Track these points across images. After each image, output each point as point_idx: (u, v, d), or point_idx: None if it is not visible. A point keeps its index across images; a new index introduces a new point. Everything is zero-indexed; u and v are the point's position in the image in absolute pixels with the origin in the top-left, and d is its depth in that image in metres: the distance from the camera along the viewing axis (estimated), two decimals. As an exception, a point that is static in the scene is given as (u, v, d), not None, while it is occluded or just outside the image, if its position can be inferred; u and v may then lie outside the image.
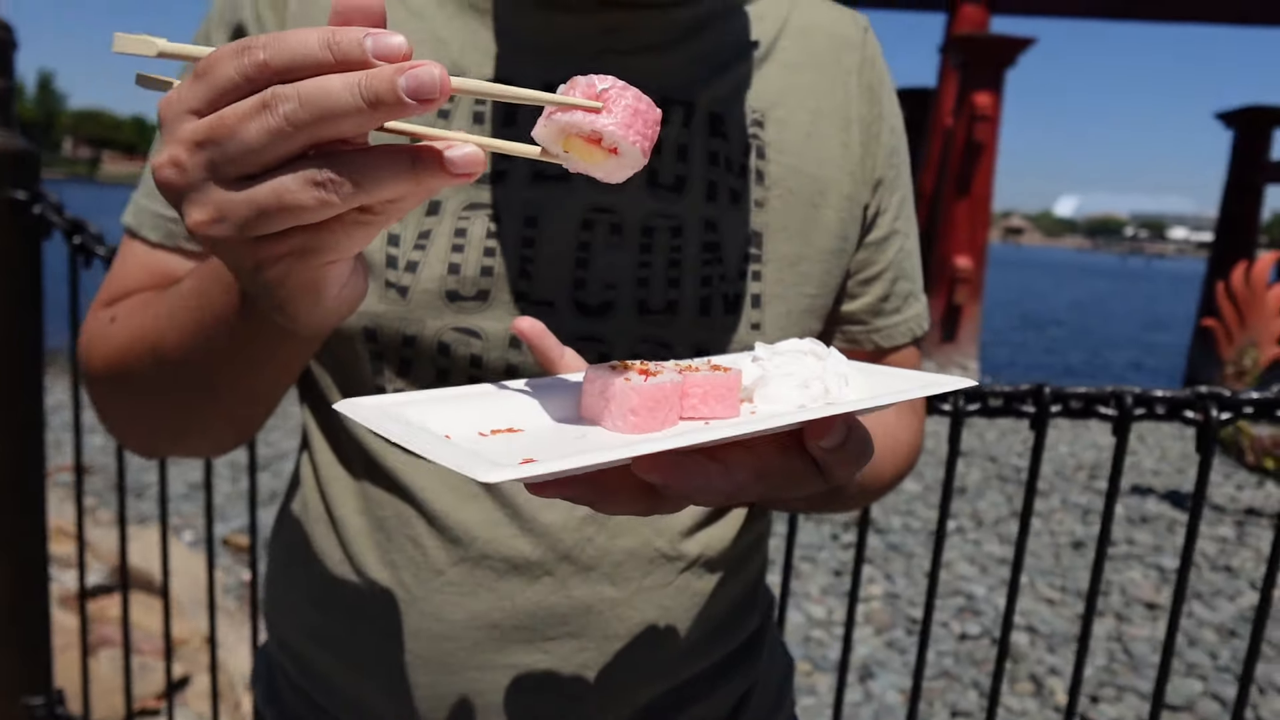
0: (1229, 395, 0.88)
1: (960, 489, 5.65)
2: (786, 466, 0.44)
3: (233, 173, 0.37)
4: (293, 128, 0.35)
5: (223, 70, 0.36)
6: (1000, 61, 9.99)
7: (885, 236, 0.76)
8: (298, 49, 0.35)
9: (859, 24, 0.77)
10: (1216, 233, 13.62)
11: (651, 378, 0.43)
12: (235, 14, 0.68)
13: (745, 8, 0.73)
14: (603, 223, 0.65)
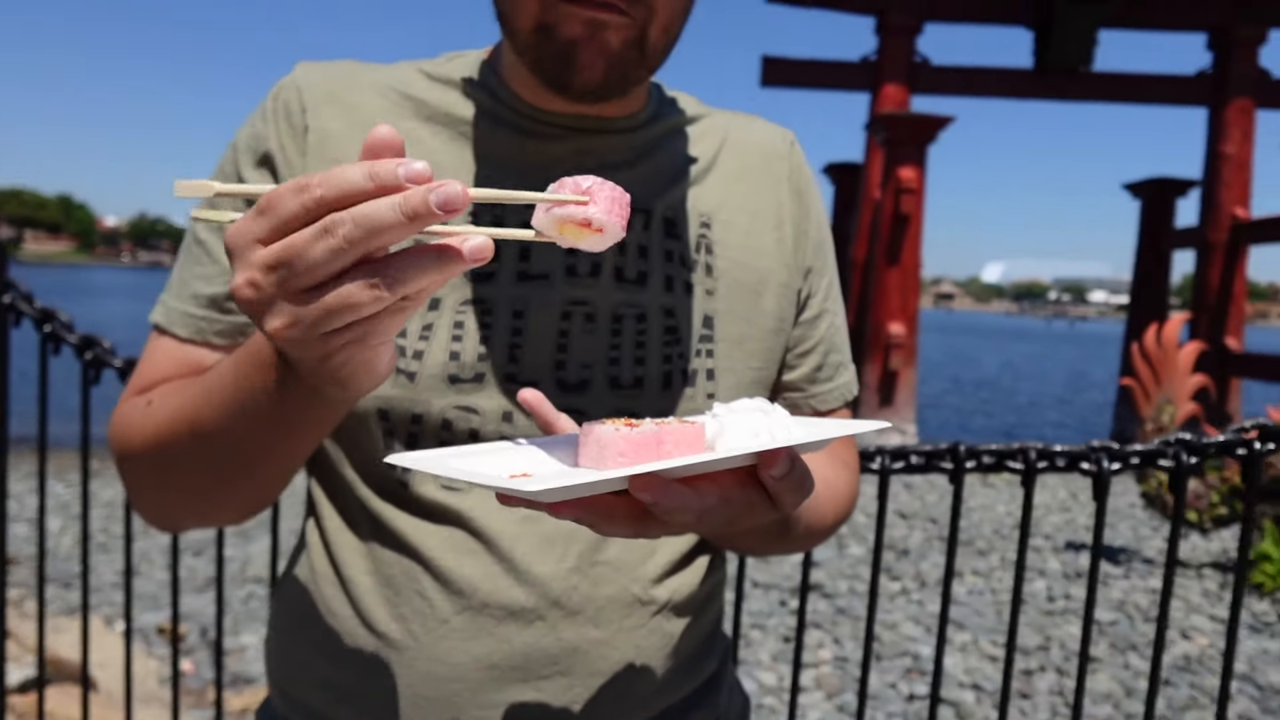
0: (1117, 449, 0.98)
1: (904, 551, 5.75)
2: (745, 495, 0.55)
3: (302, 286, 0.46)
4: (350, 245, 0.44)
5: (285, 206, 0.45)
6: (922, 138, 10.48)
7: (817, 315, 0.90)
8: (346, 183, 0.44)
9: (786, 138, 0.91)
10: (1132, 296, 14.29)
11: (634, 428, 0.54)
12: (262, 144, 0.78)
13: (690, 127, 0.87)
14: (579, 313, 0.77)
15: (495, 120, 0.79)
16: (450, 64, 0.83)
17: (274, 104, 0.79)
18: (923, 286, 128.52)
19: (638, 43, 0.71)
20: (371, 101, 0.80)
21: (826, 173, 14.75)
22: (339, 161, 0.77)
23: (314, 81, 0.79)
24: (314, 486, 0.84)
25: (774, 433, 0.57)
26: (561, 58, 0.70)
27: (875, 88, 11.91)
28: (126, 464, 0.75)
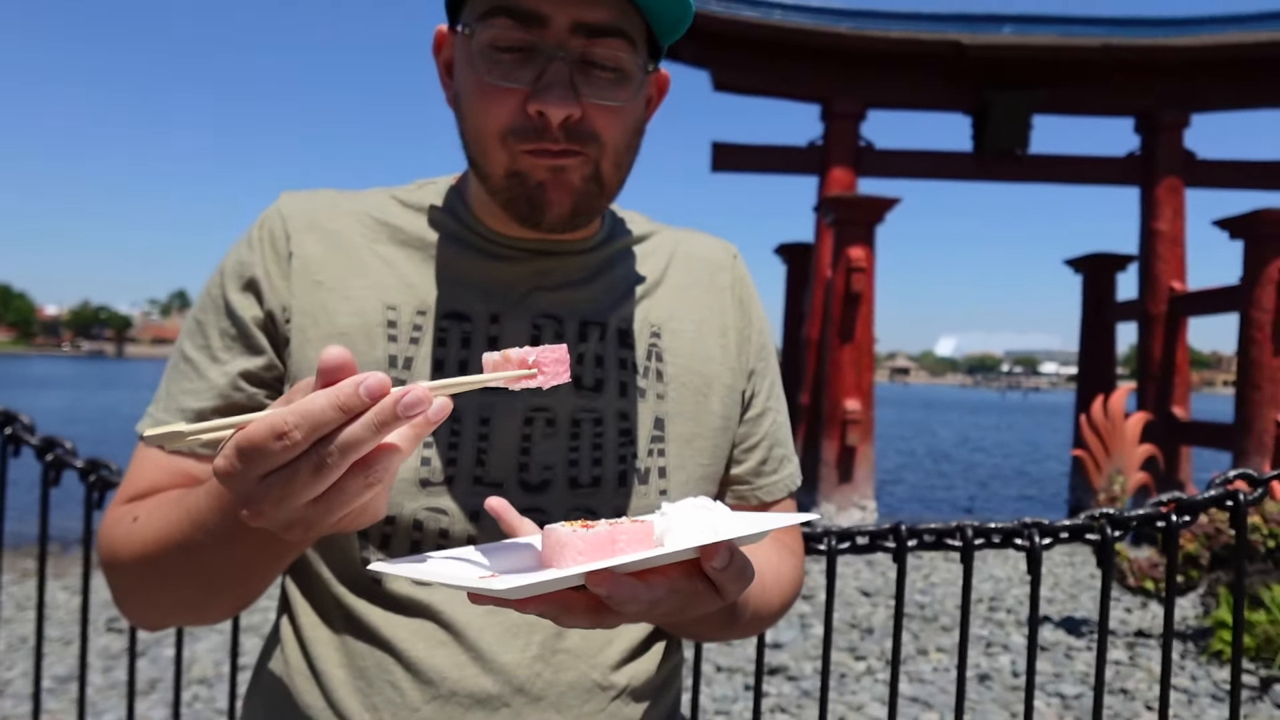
0: (1048, 524, 1.01)
1: (868, 629, 5.71)
2: (691, 585, 0.61)
3: (303, 503, 0.53)
4: (337, 467, 0.52)
5: (269, 450, 0.52)
6: (870, 219, 10.80)
7: (760, 413, 0.96)
8: (319, 418, 0.51)
9: (729, 251, 1.00)
10: (1079, 367, 14.64)
11: (590, 529, 0.60)
12: (247, 270, 0.84)
13: (640, 245, 0.95)
14: (540, 419, 0.83)
15: (463, 244, 0.86)
16: (421, 191, 0.91)
17: (259, 232, 0.85)
18: (878, 361, 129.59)
19: (595, 177, 0.79)
20: (350, 227, 0.86)
21: (778, 253, 15.07)
22: (321, 284, 0.83)
23: (296, 210, 0.86)
24: (288, 584, 0.88)
25: (716, 528, 0.62)
26: (531, 199, 0.78)
27: (823, 171, 12.30)
28: (114, 574, 0.79)
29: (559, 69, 0.74)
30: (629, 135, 0.81)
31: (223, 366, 0.82)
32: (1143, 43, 11.73)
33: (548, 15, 0.74)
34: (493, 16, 0.75)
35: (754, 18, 11.67)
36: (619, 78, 0.77)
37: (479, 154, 0.79)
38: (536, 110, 0.74)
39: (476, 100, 0.77)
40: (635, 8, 0.77)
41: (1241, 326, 10.41)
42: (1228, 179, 12.78)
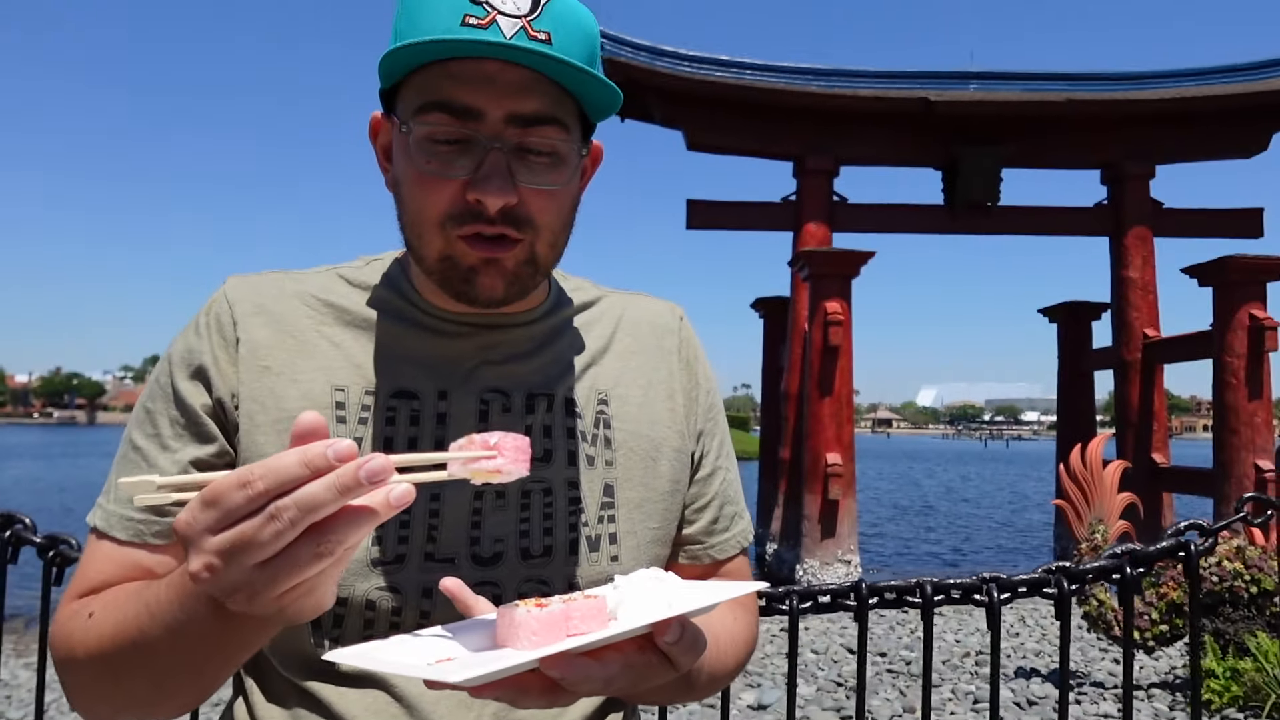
0: (1005, 578, 0.99)
1: (853, 687, 5.61)
2: (644, 659, 0.63)
3: (253, 563, 0.53)
4: (294, 526, 0.52)
5: (231, 500, 0.53)
6: (845, 272, 10.91)
7: (710, 473, 0.98)
8: (284, 474, 0.52)
9: (675, 313, 1.02)
10: (1058, 416, 14.72)
11: (543, 608, 0.61)
12: (195, 358, 0.84)
13: (587, 312, 0.96)
14: (490, 493, 0.84)
15: (408, 322, 0.88)
16: (367, 269, 0.92)
17: (206, 319, 0.86)
18: (860, 413, 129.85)
19: (530, 260, 0.81)
20: (296, 310, 0.88)
21: (755, 307, 15.18)
22: (268, 369, 0.84)
23: (242, 295, 0.87)
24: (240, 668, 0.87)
25: (668, 601, 0.64)
26: (464, 281, 0.80)
27: (797, 226, 12.47)
28: (68, 670, 0.77)
29: (496, 159, 0.76)
30: (565, 215, 0.83)
31: (173, 455, 0.82)
32: (1104, 97, 12.06)
33: (483, 109, 0.76)
34: (429, 111, 0.77)
35: (725, 78, 11.93)
36: (554, 161, 0.80)
37: (415, 238, 0.81)
38: (475, 199, 0.77)
39: (416, 189, 0.79)
40: (568, 93, 0.80)
41: (1216, 372, 10.53)
42: (1195, 227, 13.05)
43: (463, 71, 0.76)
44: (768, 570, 12.39)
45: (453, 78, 0.76)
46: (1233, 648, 5.28)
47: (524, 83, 0.77)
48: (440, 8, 0.74)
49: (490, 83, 0.76)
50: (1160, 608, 5.50)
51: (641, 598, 0.65)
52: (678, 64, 11.87)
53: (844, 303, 10.83)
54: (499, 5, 0.74)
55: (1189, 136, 12.67)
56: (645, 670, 0.63)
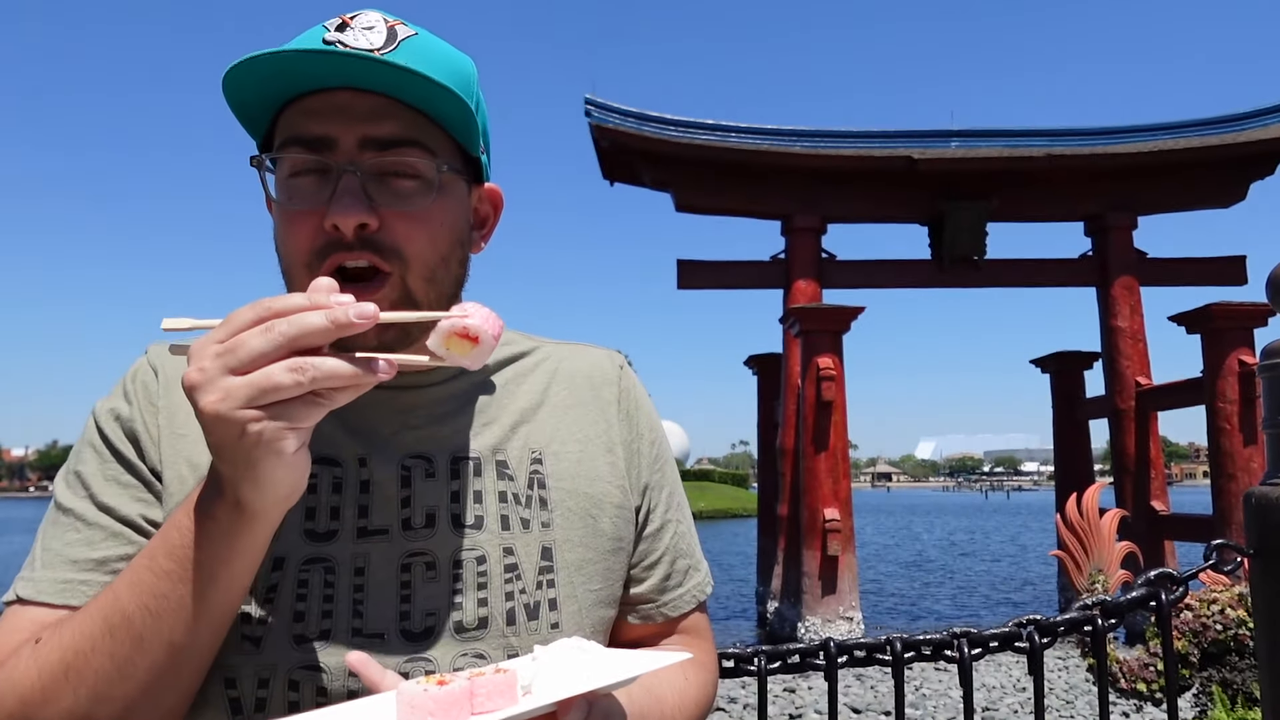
0: (976, 633, 0.99)
1: (857, 749, 5.50)
2: None
3: (240, 367, 0.59)
4: (284, 338, 0.59)
5: (241, 316, 0.60)
6: (836, 328, 11.00)
7: (660, 528, 0.93)
8: (292, 301, 0.60)
9: (614, 362, 0.97)
10: (1056, 465, 14.68)
11: (444, 686, 0.57)
12: (128, 424, 0.82)
13: (516, 364, 0.92)
14: (419, 563, 0.79)
15: None
16: None
17: (133, 385, 0.84)
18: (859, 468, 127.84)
19: (404, 299, 0.77)
20: None
21: (748, 364, 15.23)
22: (186, 437, 0.80)
23: (164, 361, 0.85)
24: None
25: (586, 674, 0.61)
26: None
27: (787, 284, 12.59)
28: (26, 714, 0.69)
29: (349, 181, 0.75)
30: (438, 245, 0.79)
31: (114, 511, 0.78)
32: (1084, 151, 12.31)
33: (336, 137, 0.75)
34: (285, 148, 0.77)
35: (711, 141, 12.16)
36: (419, 185, 0.78)
37: (288, 280, 0.79)
38: (331, 224, 0.74)
39: (282, 229, 0.78)
40: (429, 119, 0.78)
41: (1209, 418, 10.55)
42: (1180, 276, 13.21)
43: (314, 105, 0.76)
44: (769, 629, 12.21)
45: (305, 112, 0.76)
46: (1241, 697, 5.18)
47: (377, 108, 0.76)
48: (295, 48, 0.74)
49: (341, 111, 0.75)
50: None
51: (558, 671, 0.62)
52: (664, 128, 12.11)
53: (836, 358, 10.88)
54: (351, 41, 0.74)
55: (1169, 188, 12.91)
56: None
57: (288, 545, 0.77)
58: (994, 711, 6.40)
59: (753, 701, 6.65)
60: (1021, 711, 6.33)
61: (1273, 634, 0.99)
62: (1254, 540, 1.01)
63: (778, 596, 12.35)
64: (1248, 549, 1.00)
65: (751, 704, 6.58)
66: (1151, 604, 1.04)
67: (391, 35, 0.76)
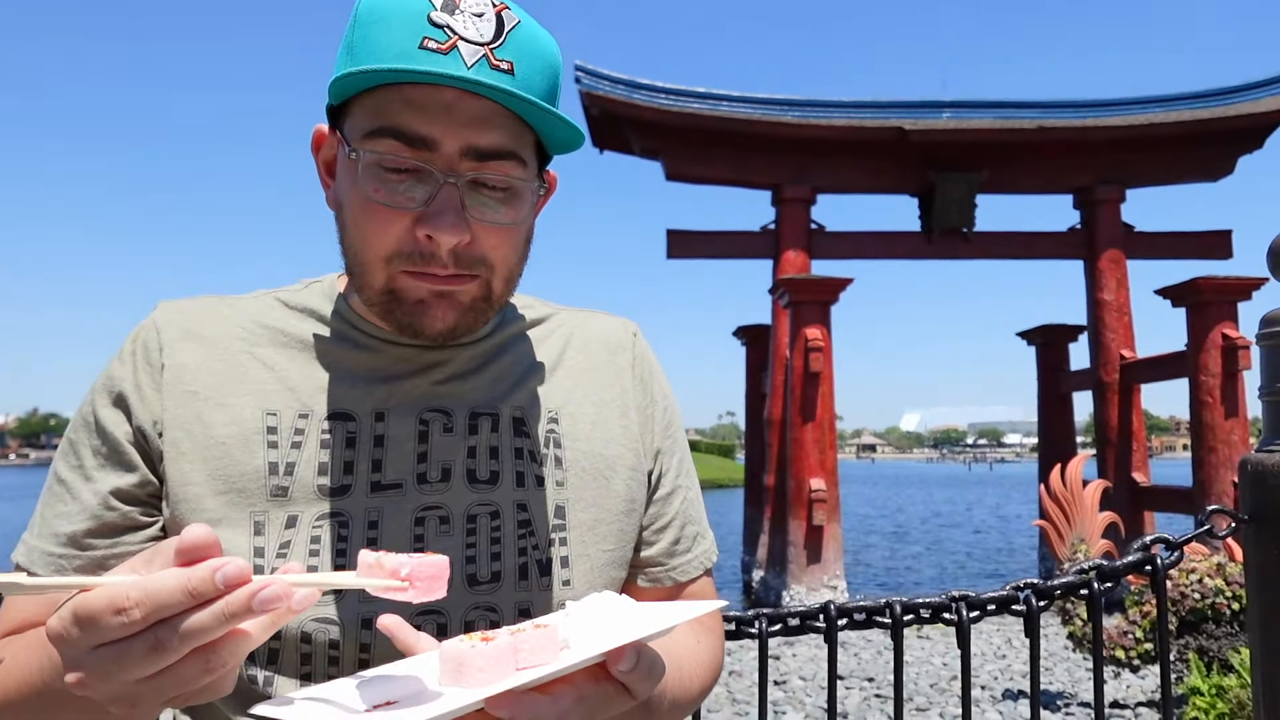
0: (974, 596, 1.00)
1: (842, 714, 5.58)
2: (599, 690, 0.60)
3: (134, 680, 0.51)
4: (176, 653, 0.50)
5: (105, 624, 0.50)
6: (825, 299, 11.00)
7: (670, 492, 0.94)
8: (165, 600, 0.49)
9: (629, 330, 0.98)
10: (1040, 437, 14.81)
11: (489, 642, 0.58)
12: (116, 385, 0.81)
13: (536, 329, 0.93)
14: (433, 517, 0.80)
15: (347, 343, 0.85)
16: (305, 291, 0.89)
17: (132, 345, 0.83)
18: (844, 439, 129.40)
19: (484, 296, 0.79)
20: (228, 333, 0.84)
21: (737, 335, 15.24)
22: (195, 394, 0.80)
23: (171, 319, 0.84)
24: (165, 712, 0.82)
25: (623, 626, 0.61)
26: (410, 314, 0.77)
27: (776, 254, 12.57)
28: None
29: (449, 194, 0.73)
30: (519, 250, 0.81)
31: (94, 485, 0.79)
32: (1075, 124, 12.28)
33: (438, 139, 0.72)
34: (380, 138, 0.73)
35: (702, 110, 12.06)
36: (509, 197, 0.77)
37: (358, 268, 0.78)
38: (426, 235, 0.73)
39: (362, 217, 0.76)
40: (527, 126, 0.76)
41: (1192, 391, 10.65)
42: (1166, 250, 13.25)
43: (419, 98, 0.72)
44: (755, 597, 12.34)
45: (408, 103, 0.72)
46: (1217, 664, 5.29)
47: (483, 114, 0.73)
48: (398, 27, 0.70)
49: (447, 112, 0.72)
50: (1144, 626, 5.52)
51: (595, 624, 0.62)
52: (654, 96, 12.00)
53: (824, 329, 10.90)
54: (461, 30, 0.70)
55: (1157, 161, 12.91)
56: (601, 701, 0.60)
57: (301, 503, 0.78)
58: (975, 678, 6.49)
59: (737, 668, 6.74)
60: (1001, 678, 6.44)
61: (1264, 600, 1.00)
62: (1248, 506, 1.02)
63: (763, 566, 12.47)
64: (1242, 515, 1.02)
65: (736, 670, 6.67)
66: (1147, 568, 1.05)
67: (500, 25, 0.73)
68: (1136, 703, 5.59)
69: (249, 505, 0.77)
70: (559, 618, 0.64)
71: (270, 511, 0.77)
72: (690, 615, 0.64)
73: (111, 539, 0.78)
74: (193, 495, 0.77)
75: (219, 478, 0.78)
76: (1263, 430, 1.06)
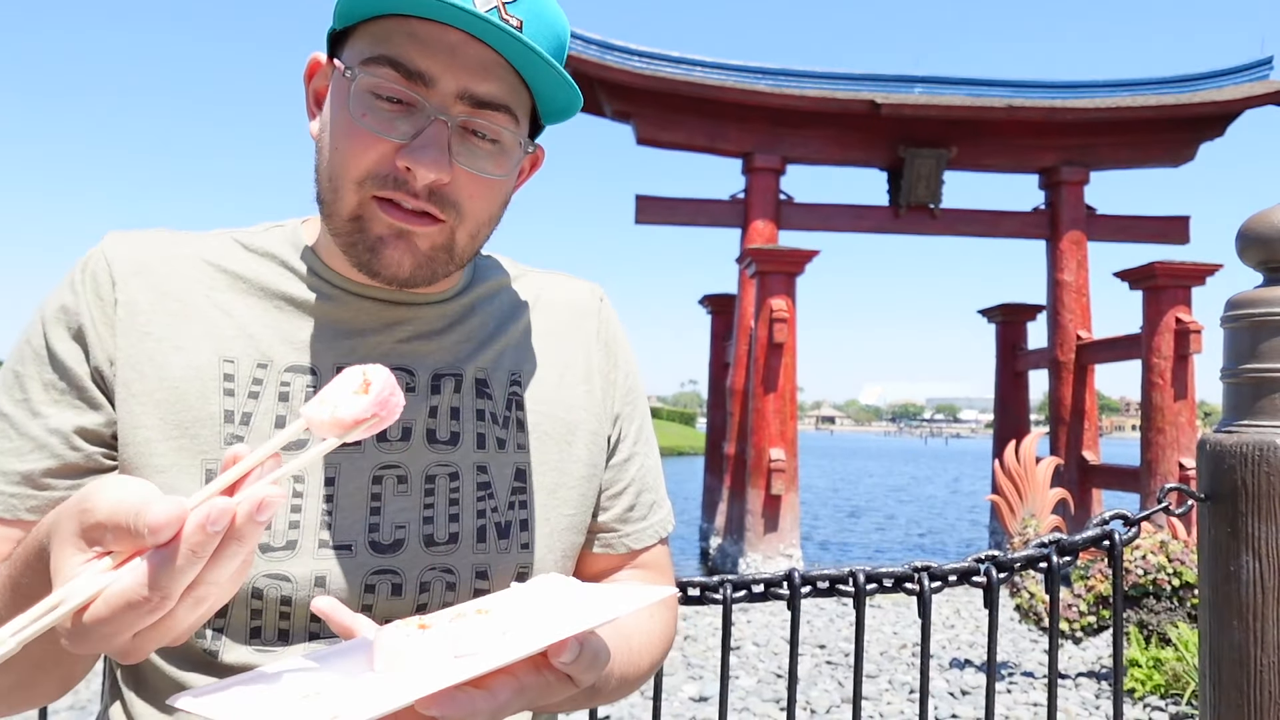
0: (936, 567, 1.02)
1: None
2: (540, 680, 0.58)
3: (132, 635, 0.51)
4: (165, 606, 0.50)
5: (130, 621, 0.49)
6: (790, 270, 11.03)
7: (627, 458, 0.94)
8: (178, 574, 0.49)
9: (595, 294, 0.97)
10: (995, 414, 15.09)
11: (426, 630, 0.56)
12: (74, 319, 0.77)
13: (503, 291, 0.92)
14: (391, 476, 0.79)
15: (309, 293, 0.82)
16: (267, 235, 0.85)
17: (82, 275, 0.78)
18: (804, 410, 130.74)
19: (446, 246, 0.77)
20: (184, 273, 0.80)
21: (703, 304, 15.27)
22: (149, 334, 0.77)
23: (123, 253, 0.79)
24: (115, 667, 0.81)
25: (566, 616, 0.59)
26: (370, 250, 0.75)
27: (744, 224, 12.57)
28: None
29: (438, 131, 0.72)
30: (493, 208, 0.79)
31: (45, 421, 0.75)
32: (1043, 104, 12.38)
33: (436, 77, 0.72)
34: (379, 64, 0.72)
35: (675, 74, 11.96)
36: (497, 150, 0.76)
37: (330, 192, 0.76)
38: (405, 166, 0.72)
39: (343, 140, 0.74)
40: (525, 87, 0.76)
41: (1144, 373, 10.88)
42: (1126, 233, 13.47)
43: (425, 33, 0.71)
44: (711, 564, 12.49)
45: (412, 36, 0.71)
46: (1155, 638, 5.47)
47: (485, 63, 0.72)
48: None
49: (450, 52, 0.71)
50: (1088, 599, 5.68)
51: (538, 611, 0.60)
52: (628, 59, 11.86)
53: (789, 300, 10.95)
54: None
55: (1122, 144, 13.07)
56: (541, 691, 0.58)
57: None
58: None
59: (692, 632, 6.83)
60: (949, 647, 6.60)
61: (1215, 576, 1.03)
62: (1205, 485, 1.05)
63: (721, 533, 12.61)
64: (1199, 494, 1.04)
65: (691, 635, 6.76)
66: (1106, 543, 1.07)
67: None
68: (1078, 673, 5.76)
69: (201, 452, 0.75)
70: (500, 601, 0.62)
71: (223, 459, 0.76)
72: (639, 605, 0.62)
73: (72, 480, 0.75)
74: (143, 439, 0.75)
75: (171, 423, 0.75)
76: (1223, 411, 1.08)
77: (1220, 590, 1.00)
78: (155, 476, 0.74)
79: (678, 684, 5.43)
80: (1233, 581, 0.98)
